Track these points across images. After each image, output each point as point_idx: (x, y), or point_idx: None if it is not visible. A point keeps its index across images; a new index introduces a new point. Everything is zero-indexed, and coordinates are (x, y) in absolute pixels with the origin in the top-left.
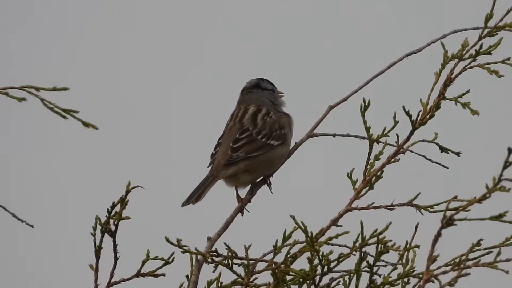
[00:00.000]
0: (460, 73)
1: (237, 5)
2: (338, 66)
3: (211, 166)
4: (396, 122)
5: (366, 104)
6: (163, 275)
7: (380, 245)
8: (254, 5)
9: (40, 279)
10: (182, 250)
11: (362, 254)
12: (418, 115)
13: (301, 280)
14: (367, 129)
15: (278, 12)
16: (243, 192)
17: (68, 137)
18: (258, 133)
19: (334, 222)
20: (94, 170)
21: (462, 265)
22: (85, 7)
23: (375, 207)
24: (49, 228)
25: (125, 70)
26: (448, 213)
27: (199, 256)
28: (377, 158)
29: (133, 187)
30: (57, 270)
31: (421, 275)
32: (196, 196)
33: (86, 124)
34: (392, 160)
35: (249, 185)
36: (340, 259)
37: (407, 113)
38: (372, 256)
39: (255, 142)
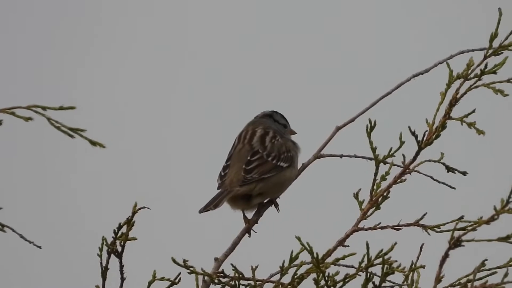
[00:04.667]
0: (465, 92)
1: (241, 23)
2: (346, 87)
3: (222, 185)
4: (402, 143)
5: (372, 124)
6: None
7: (385, 266)
8: (257, 23)
9: None
10: (188, 271)
11: (368, 275)
12: (424, 135)
13: None
14: (373, 149)
15: (285, 33)
16: (250, 214)
17: (75, 156)
18: (268, 155)
19: (341, 243)
20: (100, 191)
21: (469, 286)
22: (87, 25)
23: (382, 227)
24: (57, 249)
25: (129, 87)
26: (456, 234)
27: (206, 277)
28: (383, 178)
29: (140, 208)
30: None
31: None
32: (214, 203)
33: (93, 143)
34: (399, 180)
35: (256, 207)
36: (346, 280)
37: (413, 133)
38: (378, 276)
39: (266, 164)
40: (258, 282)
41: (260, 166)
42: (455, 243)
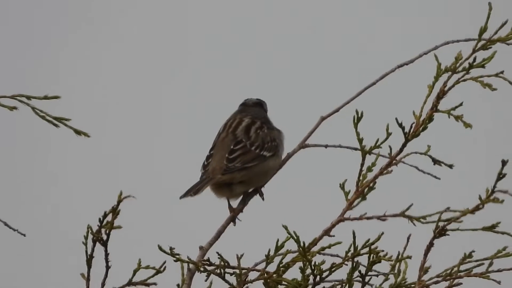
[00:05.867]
0: (453, 86)
1: (229, 18)
2: (330, 77)
3: (205, 174)
4: (389, 134)
5: (359, 115)
6: (155, 284)
7: (372, 255)
8: (246, 17)
9: None
10: (174, 258)
11: (354, 264)
12: (411, 127)
13: None
14: (360, 140)
15: (271, 24)
16: (235, 203)
17: (60, 145)
18: (251, 145)
19: (327, 232)
20: (86, 179)
21: (454, 276)
22: (73, 15)
23: (368, 218)
24: (41, 237)
25: (113, 77)
26: (441, 223)
27: (191, 265)
28: (369, 169)
29: (125, 197)
30: (49, 279)
31: (413, 285)
32: (195, 190)
33: (78, 132)
34: (385, 171)
35: (241, 196)
36: (332, 269)
37: (400, 125)
38: (364, 266)
39: (249, 153)
40: (243, 271)
41: (243, 155)
42: (440, 232)
